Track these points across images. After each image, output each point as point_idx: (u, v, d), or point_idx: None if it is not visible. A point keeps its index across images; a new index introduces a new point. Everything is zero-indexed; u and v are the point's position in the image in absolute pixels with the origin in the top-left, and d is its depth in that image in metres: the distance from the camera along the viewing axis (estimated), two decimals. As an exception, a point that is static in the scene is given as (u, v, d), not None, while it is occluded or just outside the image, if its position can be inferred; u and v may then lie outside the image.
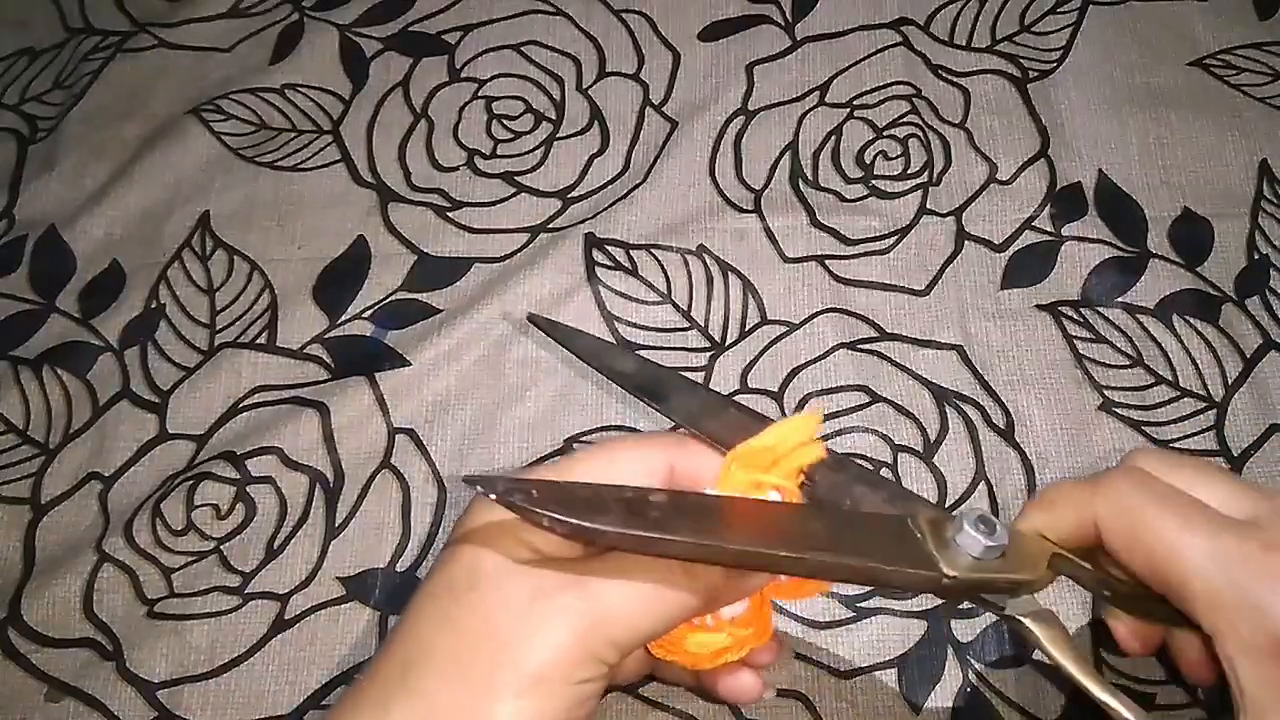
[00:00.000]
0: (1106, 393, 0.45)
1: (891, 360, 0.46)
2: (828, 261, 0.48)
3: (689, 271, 0.49)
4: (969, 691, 0.40)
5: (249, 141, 0.54)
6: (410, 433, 0.46)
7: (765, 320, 0.47)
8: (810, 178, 0.50)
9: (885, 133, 0.51)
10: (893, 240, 0.49)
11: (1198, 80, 0.52)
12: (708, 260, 0.49)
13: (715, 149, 0.51)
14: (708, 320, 0.48)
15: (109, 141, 0.54)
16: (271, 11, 0.57)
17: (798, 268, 0.48)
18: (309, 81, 0.55)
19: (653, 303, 0.48)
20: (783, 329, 0.47)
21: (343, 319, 0.49)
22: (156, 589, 0.43)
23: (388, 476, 0.45)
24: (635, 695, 0.40)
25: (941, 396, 0.45)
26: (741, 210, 0.50)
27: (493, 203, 0.51)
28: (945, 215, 0.49)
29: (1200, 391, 0.45)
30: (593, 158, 0.52)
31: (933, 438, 0.44)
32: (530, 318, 0.40)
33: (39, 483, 0.46)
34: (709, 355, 0.47)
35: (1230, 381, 0.45)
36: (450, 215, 0.51)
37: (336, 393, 0.47)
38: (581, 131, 0.53)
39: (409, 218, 0.51)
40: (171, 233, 0.51)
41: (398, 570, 0.43)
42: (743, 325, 0.47)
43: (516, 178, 0.52)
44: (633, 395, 0.36)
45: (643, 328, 0.48)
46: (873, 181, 0.50)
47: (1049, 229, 0.48)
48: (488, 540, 0.28)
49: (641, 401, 0.36)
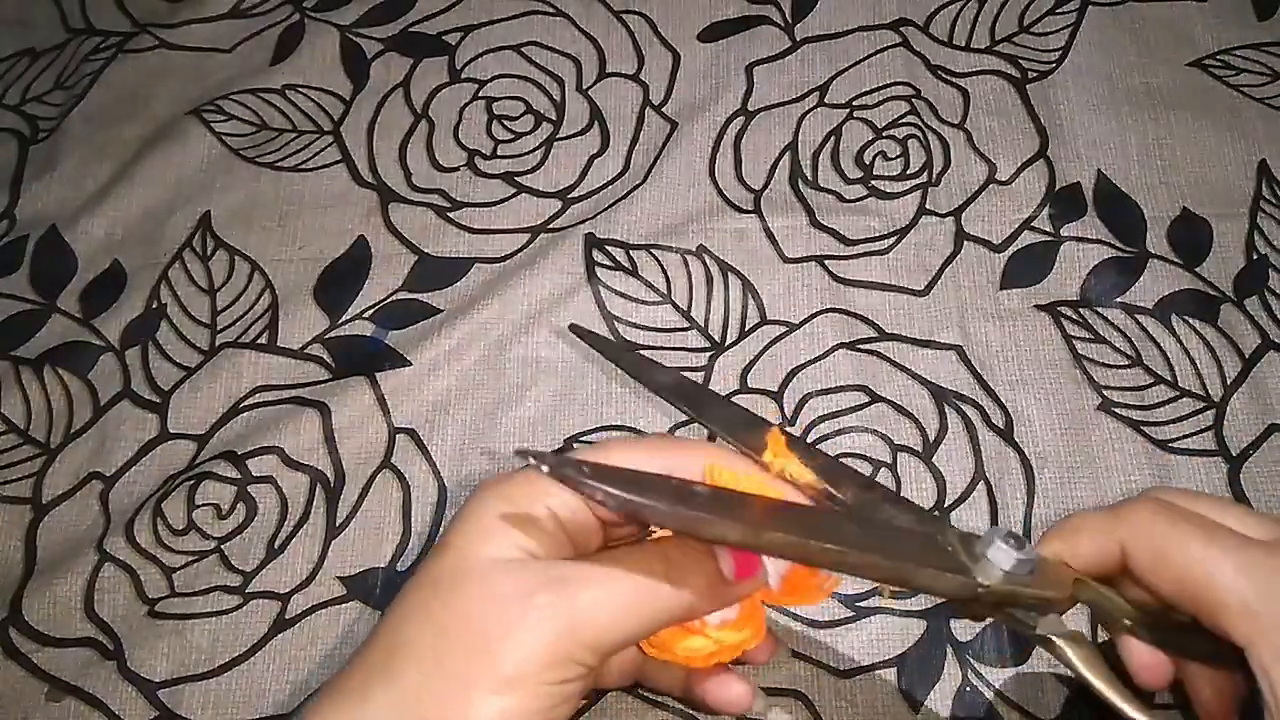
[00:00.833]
0: (1105, 393, 0.45)
1: (891, 360, 0.46)
2: (827, 262, 0.49)
3: (689, 272, 0.49)
4: (968, 691, 0.40)
5: (250, 142, 0.54)
6: (411, 433, 0.46)
7: (765, 320, 0.47)
8: (810, 178, 0.51)
9: (885, 133, 0.51)
10: (892, 240, 0.49)
11: (1197, 81, 0.52)
12: (707, 260, 0.49)
13: (715, 149, 0.51)
14: (707, 320, 0.48)
15: (110, 142, 0.54)
16: (272, 12, 0.57)
17: (797, 268, 0.49)
18: (310, 82, 0.55)
19: (653, 303, 0.48)
20: (782, 329, 0.47)
21: (343, 319, 0.49)
22: (157, 588, 0.43)
23: (388, 476, 0.45)
24: (635, 695, 0.40)
25: (941, 396, 0.45)
26: (741, 210, 0.50)
27: (493, 203, 0.51)
28: (944, 215, 0.49)
29: (1199, 391, 0.45)
30: (593, 158, 0.52)
31: (932, 437, 0.45)
32: (572, 328, 0.41)
33: (40, 482, 0.46)
34: (709, 355, 0.47)
35: (1229, 381, 0.45)
36: (450, 215, 0.51)
37: (337, 393, 0.47)
38: (581, 132, 0.53)
39: (409, 218, 0.51)
40: (172, 233, 0.51)
41: (398, 570, 0.43)
42: (742, 325, 0.47)
43: (517, 178, 0.52)
44: (672, 405, 0.37)
45: (643, 328, 0.48)
46: (872, 182, 0.50)
47: (1048, 229, 0.48)
48: (476, 539, 0.28)
49: (681, 411, 0.39)
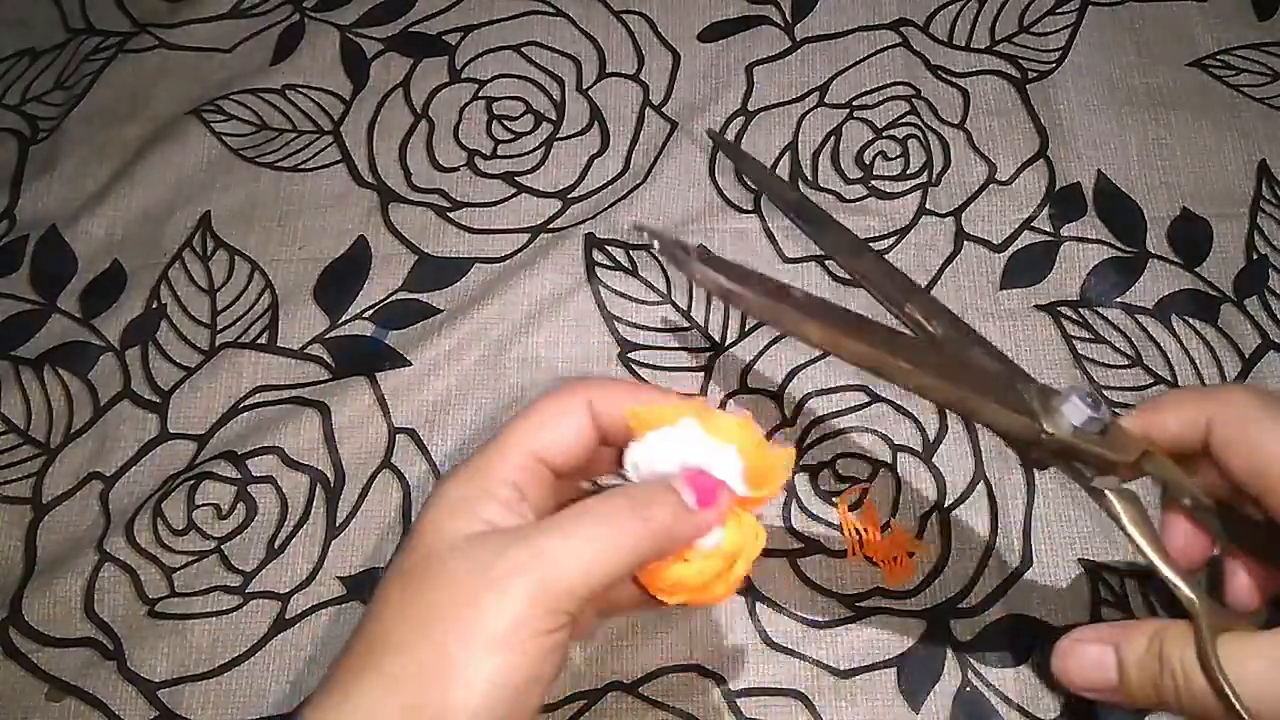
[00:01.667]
0: (1105, 392, 0.45)
1: (891, 360, 0.46)
2: (827, 262, 0.49)
3: (689, 272, 0.49)
4: (968, 691, 0.40)
5: (250, 142, 0.54)
6: (411, 432, 0.46)
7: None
8: (810, 178, 0.51)
9: (885, 133, 0.51)
10: (892, 240, 0.49)
11: (1197, 81, 0.52)
12: (707, 260, 0.49)
13: (715, 149, 0.51)
14: (708, 320, 0.48)
15: (110, 142, 0.54)
16: (272, 12, 0.57)
17: (797, 268, 0.48)
18: (310, 82, 0.55)
19: (653, 303, 0.48)
20: (782, 329, 0.47)
21: (343, 319, 0.49)
22: (157, 588, 0.43)
23: (388, 476, 0.45)
24: (635, 695, 0.40)
25: (941, 396, 0.45)
26: (741, 211, 0.50)
27: (493, 203, 0.51)
28: (944, 215, 0.49)
29: (1199, 391, 0.45)
30: (593, 158, 0.52)
31: (932, 437, 0.45)
32: (709, 133, 0.45)
33: (40, 482, 0.46)
34: (709, 355, 0.47)
35: (1229, 381, 0.45)
36: (450, 215, 0.51)
37: (337, 393, 0.47)
38: (581, 132, 0.53)
39: (409, 218, 0.51)
40: (172, 233, 0.51)
41: (398, 570, 0.43)
42: (742, 325, 0.47)
43: (517, 178, 0.52)
44: (792, 221, 0.41)
45: (643, 328, 0.48)
46: (872, 182, 0.50)
47: (1048, 229, 0.49)
48: (443, 519, 0.29)
49: (798, 227, 0.45)
